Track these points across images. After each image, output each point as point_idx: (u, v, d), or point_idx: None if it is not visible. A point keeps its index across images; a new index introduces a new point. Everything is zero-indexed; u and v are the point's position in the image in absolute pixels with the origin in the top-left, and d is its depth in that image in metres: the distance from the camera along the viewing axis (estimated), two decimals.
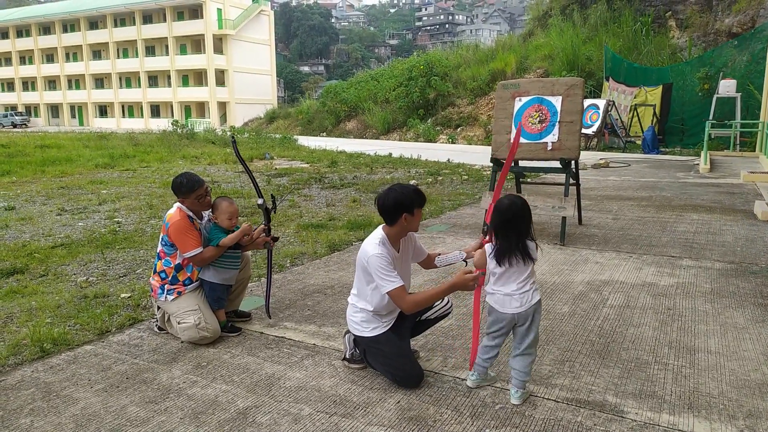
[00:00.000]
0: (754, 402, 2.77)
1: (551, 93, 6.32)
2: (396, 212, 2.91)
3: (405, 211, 2.90)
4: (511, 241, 2.69)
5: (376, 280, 2.88)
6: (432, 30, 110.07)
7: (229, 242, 3.62)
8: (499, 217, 2.70)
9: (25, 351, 3.46)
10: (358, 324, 3.05)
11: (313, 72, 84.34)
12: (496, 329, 2.80)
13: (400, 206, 2.90)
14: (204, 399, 2.87)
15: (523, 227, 2.71)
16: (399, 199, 2.91)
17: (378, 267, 2.86)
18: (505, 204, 2.71)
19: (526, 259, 2.70)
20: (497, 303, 2.77)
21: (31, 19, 56.23)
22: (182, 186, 3.58)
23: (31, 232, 6.98)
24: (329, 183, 11.36)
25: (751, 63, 17.89)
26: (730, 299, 4.27)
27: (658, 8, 24.19)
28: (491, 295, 2.80)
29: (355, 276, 3.08)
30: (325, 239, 6.34)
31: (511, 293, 2.72)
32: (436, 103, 28.25)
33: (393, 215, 2.92)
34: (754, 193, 9.53)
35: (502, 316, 2.75)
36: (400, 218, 2.92)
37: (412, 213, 2.93)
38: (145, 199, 9.36)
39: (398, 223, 2.94)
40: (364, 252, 2.95)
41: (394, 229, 2.98)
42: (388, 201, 2.92)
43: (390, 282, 2.84)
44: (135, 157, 16.85)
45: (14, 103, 58.29)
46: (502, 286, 2.75)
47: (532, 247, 2.73)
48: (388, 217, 2.94)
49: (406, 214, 2.91)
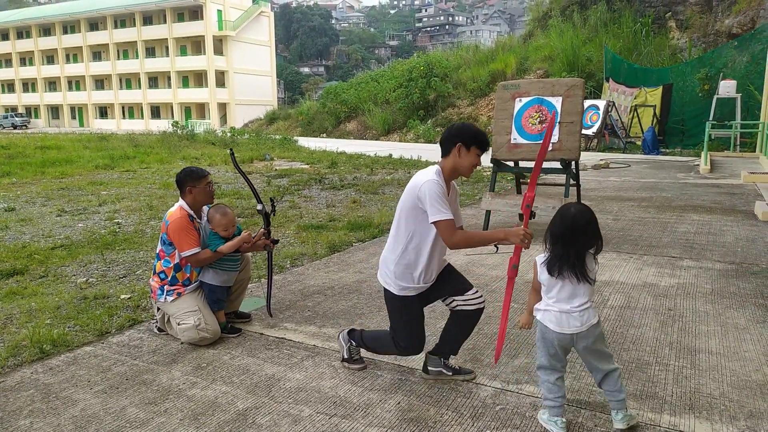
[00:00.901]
0: (755, 403, 2.76)
1: (551, 94, 6.32)
2: (452, 141, 2.79)
3: (461, 142, 2.78)
4: (567, 254, 2.43)
5: (427, 207, 2.71)
6: (432, 31, 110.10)
7: (227, 250, 3.62)
8: (561, 226, 2.46)
9: (25, 352, 3.46)
10: (390, 277, 2.90)
11: (313, 73, 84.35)
12: (551, 354, 2.50)
13: (459, 135, 2.80)
14: (204, 400, 2.86)
15: (584, 243, 2.43)
16: (461, 129, 2.83)
17: (432, 193, 2.69)
18: (570, 213, 2.47)
19: (580, 278, 2.42)
20: (554, 322, 2.46)
21: (32, 21, 56.29)
22: (194, 173, 3.62)
23: (31, 233, 6.98)
24: (329, 184, 11.36)
25: (751, 64, 17.89)
26: (730, 300, 4.26)
27: (658, 9, 24.21)
28: (545, 313, 2.51)
29: (394, 223, 2.92)
30: (326, 240, 6.33)
31: (569, 311, 2.44)
32: (436, 104, 28.27)
33: (449, 143, 2.81)
34: (754, 193, 9.53)
35: (558, 337, 2.46)
36: (454, 148, 2.79)
37: (468, 148, 2.79)
38: (145, 200, 9.36)
39: (451, 155, 2.80)
40: (415, 183, 2.79)
41: (447, 162, 2.83)
42: (451, 128, 2.86)
43: (441, 212, 2.68)
44: (135, 158, 16.86)
45: (14, 105, 58.32)
46: (557, 302, 2.47)
47: (590, 266, 2.45)
48: (445, 144, 2.83)
49: (461, 145, 2.77)
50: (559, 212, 2.51)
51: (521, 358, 3.30)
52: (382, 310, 4.14)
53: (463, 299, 2.97)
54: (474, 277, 4.95)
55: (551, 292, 2.48)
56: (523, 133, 6.38)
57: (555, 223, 2.49)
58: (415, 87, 28.25)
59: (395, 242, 2.90)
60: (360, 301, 4.37)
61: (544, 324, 2.50)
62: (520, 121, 6.43)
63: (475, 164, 2.84)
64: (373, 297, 4.46)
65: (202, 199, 3.66)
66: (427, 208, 2.71)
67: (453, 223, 2.73)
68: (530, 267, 5.18)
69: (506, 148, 6.46)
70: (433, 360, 3.07)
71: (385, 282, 2.95)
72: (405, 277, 2.87)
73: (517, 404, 2.79)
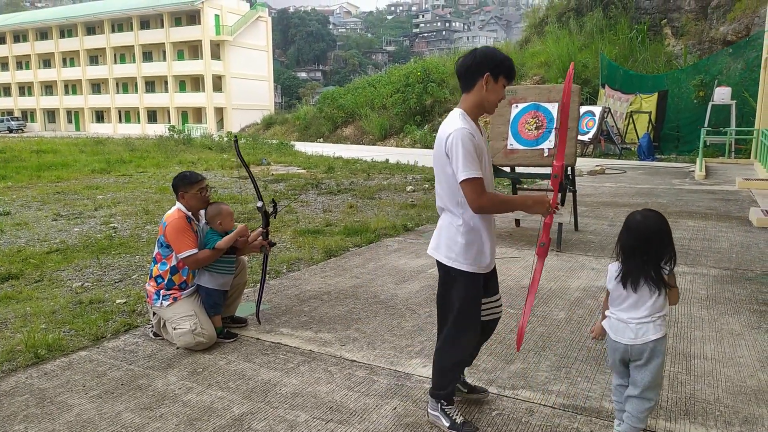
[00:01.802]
0: (750, 408, 2.77)
1: (547, 100, 6.35)
2: (478, 70, 2.38)
3: (489, 71, 2.37)
4: (640, 265, 2.28)
5: (453, 162, 2.34)
6: (429, 37, 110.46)
7: (225, 244, 3.61)
8: (628, 237, 2.32)
9: (20, 357, 3.44)
10: (456, 249, 2.46)
11: (310, 78, 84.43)
12: (612, 362, 2.42)
13: (485, 63, 2.37)
14: (199, 405, 2.86)
15: (656, 251, 2.28)
16: (486, 55, 2.39)
17: (460, 144, 2.31)
18: (636, 221, 2.32)
19: (660, 286, 2.28)
20: (611, 329, 2.38)
21: (29, 25, 56.23)
22: (186, 178, 3.63)
23: (26, 238, 6.95)
24: (326, 189, 11.36)
25: (746, 71, 18.02)
26: (725, 305, 4.28)
27: (653, 16, 24.37)
28: (608, 319, 2.42)
29: (438, 185, 2.52)
30: (322, 245, 6.33)
31: (626, 320, 2.32)
32: (433, 110, 28.35)
33: (473, 74, 2.39)
34: (749, 199, 9.58)
35: (614, 346, 2.36)
36: (480, 81, 2.38)
37: (496, 78, 2.39)
38: (141, 205, 9.34)
39: (476, 89, 2.41)
40: (441, 135, 2.41)
41: (470, 98, 2.43)
42: (473, 56, 2.41)
43: (469, 169, 2.31)
44: (131, 162, 16.83)
45: (11, 108, 58.18)
46: (619, 310, 2.36)
47: (666, 272, 2.30)
48: (467, 76, 2.42)
49: (489, 75, 2.37)
50: (625, 225, 2.35)
51: (517, 364, 3.30)
52: (378, 315, 4.15)
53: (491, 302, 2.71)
54: None
55: (616, 302, 2.38)
56: (520, 138, 6.41)
57: (622, 236, 2.35)
58: (412, 92, 28.34)
59: (455, 208, 2.48)
60: (356, 306, 4.37)
61: (606, 331, 2.42)
62: (517, 126, 6.46)
63: (501, 98, 2.46)
64: (369, 302, 4.46)
65: (195, 204, 3.66)
66: (454, 164, 2.34)
67: (483, 183, 2.36)
68: (526, 271, 5.20)
69: (503, 153, 6.49)
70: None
71: (447, 258, 2.50)
72: (474, 247, 2.49)
73: (513, 410, 2.79)
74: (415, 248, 6.31)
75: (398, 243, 6.60)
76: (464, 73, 2.43)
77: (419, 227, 7.54)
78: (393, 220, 7.72)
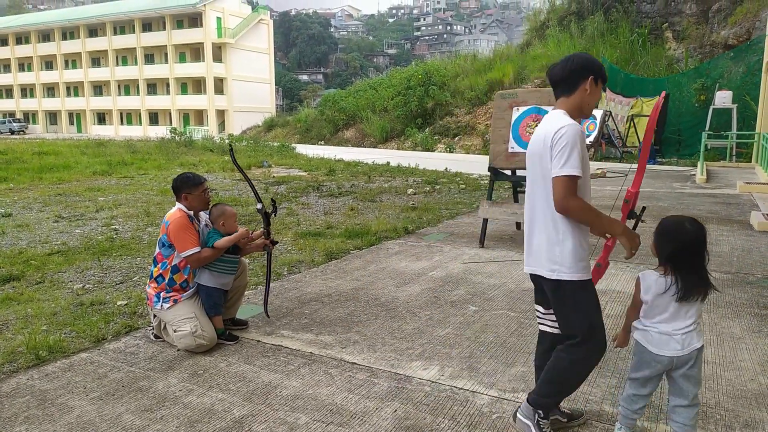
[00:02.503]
0: (750, 412, 2.77)
1: (549, 103, 6.35)
2: (582, 73, 2.32)
3: (593, 75, 2.32)
4: (693, 273, 2.22)
5: (556, 157, 2.22)
6: (430, 40, 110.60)
7: (225, 243, 3.62)
8: (683, 248, 2.22)
9: (21, 358, 3.45)
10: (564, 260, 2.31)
11: (311, 81, 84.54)
12: (646, 375, 2.32)
13: (589, 67, 2.32)
14: (200, 407, 2.86)
15: (704, 256, 2.24)
16: (588, 59, 2.35)
17: (574, 139, 2.20)
18: (687, 229, 2.23)
19: (708, 291, 2.25)
20: (651, 343, 2.27)
21: (31, 27, 56.36)
22: (189, 180, 3.63)
23: (27, 239, 6.96)
24: (327, 191, 11.37)
25: (747, 74, 18.03)
26: (726, 309, 4.28)
27: (654, 20, 24.40)
28: (642, 332, 2.31)
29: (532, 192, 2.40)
30: (323, 248, 6.34)
31: (671, 332, 2.23)
32: (434, 113, 28.39)
33: (576, 77, 2.33)
34: (750, 203, 9.57)
35: (657, 359, 2.26)
36: (583, 84, 2.33)
37: (596, 82, 2.34)
38: (143, 207, 9.35)
39: (579, 91, 2.34)
40: (547, 130, 2.29)
41: (572, 101, 2.36)
42: (573, 60, 2.34)
43: (572, 166, 2.20)
44: (133, 164, 16.86)
45: (12, 110, 58.28)
46: (658, 322, 2.26)
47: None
48: (570, 79, 2.34)
49: (593, 78, 2.33)
50: (672, 234, 2.24)
51: (518, 367, 3.30)
52: (378, 317, 4.15)
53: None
54: (471, 285, 4.96)
55: (653, 313, 2.28)
56: (521, 141, 6.41)
57: (674, 244, 2.23)
58: (413, 95, 28.38)
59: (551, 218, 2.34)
60: (357, 308, 4.38)
61: (640, 343, 2.31)
62: (518, 129, 6.46)
63: (598, 101, 2.44)
64: (370, 305, 4.46)
65: (198, 205, 3.67)
66: (557, 158, 2.22)
67: (577, 184, 2.25)
68: (523, 276, 5.20)
69: (504, 156, 6.49)
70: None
71: (552, 271, 2.34)
72: (581, 252, 2.34)
73: (513, 413, 2.78)
74: (415, 251, 6.31)
75: (399, 246, 6.60)
76: (566, 77, 2.36)
77: (420, 230, 7.54)
78: (394, 223, 7.72)
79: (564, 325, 2.42)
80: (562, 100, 2.40)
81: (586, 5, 27.04)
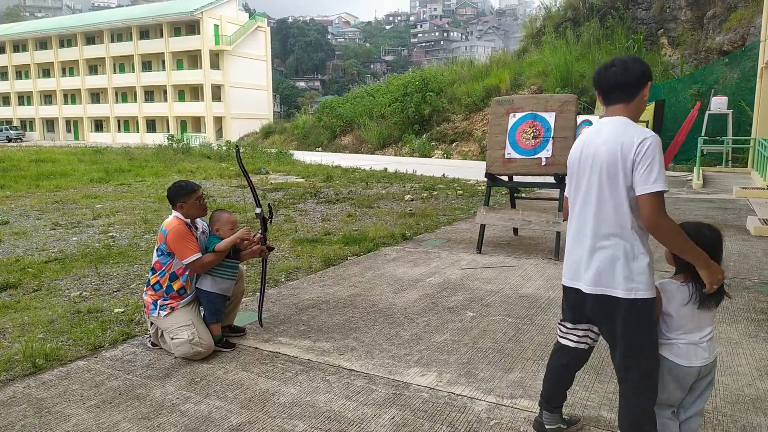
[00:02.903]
0: (747, 417, 2.77)
1: (545, 109, 6.38)
2: (642, 81, 2.21)
3: (649, 80, 2.23)
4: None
5: (641, 172, 2.07)
6: (427, 46, 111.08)
7: (226, 244, 3.62)
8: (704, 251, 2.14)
9: (17, 367, 3.43)
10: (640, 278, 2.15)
11: (309, 87, 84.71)
12: (678, 396, 2.23)
13: (648, 73, 2.22)
14: (197, 415, 2.85)
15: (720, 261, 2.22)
16: (644, 63, 2.24)
17: (658, 152, 2.07)
18: (706, 236, 2.21)
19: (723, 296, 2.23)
20: (683, 356, 2.18)
21: (28, 34, 56.42)
22: (183, 188, 3.63)
23: (24, 247, 6.95)
24: (324, 198, 11.38)
25: (742, 80, 18.15)
26: (723, 314, 4.29)
27: (650, 26, 24.56)
28: (669, 346, 2.20)
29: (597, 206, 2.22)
30: (320, 254, 6.34)
31: (697, 342, 2.18)
32: (432, 119, 28.46)
33: (638, 85, 2.21)
34: (746, 208, 9.61)
35: (688, 372, 2.18)
36: (643, 90, 2.22)
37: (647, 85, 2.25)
38: (140, 214, 9.34)
39: (638, 98, 2.23)
40: (622, 142, 2.12)
41: (632, 107, 2.23)
42: (634, 65, 2.22)
43: (663, 181, 2.07)
44: (130, 171, 16.85)
45: (10, 118, 58.25)
46: (686, 332, 2.19)
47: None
48: (633, 87, 2.21)
49: (650, 84, 2.25)
50: (689, 235, 2.15)
51: (516, 373, 3.30)
52: (376, 324, 4.15)
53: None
54: (469, 291, 4.96)
55: (681, 324, 2.20)
56: (517, 148, 6.43)
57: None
58: (410, 101, 28.46)
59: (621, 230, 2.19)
60: (355, 315, 4.37)
61: (671, 361, 2.19)
62: (514, 136, 6.49)
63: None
64: (367, 311, 4.46)
65: (194, 213, 3.67)
66: (643, 173, 2.08)
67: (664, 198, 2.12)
68: (524, 280, 5.20)
69: (500, 162, 6.51)
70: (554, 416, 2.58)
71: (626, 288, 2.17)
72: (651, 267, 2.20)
73: (511, 419, 2.79)
74: (413, 257, 6.31)
75: (396, 252, 6.60)
76: (629, 83, 2.22)
77: (417, 236, 7.55)
78: (391, 229, 7.73)
79: (630, 351, 2.20)
80: (621, 107, 2.25)
81: (582, 12, 27.21)
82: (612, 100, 2.27)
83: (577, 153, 2.33)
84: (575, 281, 2.33)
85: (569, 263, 2.37)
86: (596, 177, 2.22)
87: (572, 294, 2.37)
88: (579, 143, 2.34)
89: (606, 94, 2.28)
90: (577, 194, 2.34)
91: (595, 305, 2.26)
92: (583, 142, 2.31)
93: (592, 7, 26.67)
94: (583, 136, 2.34)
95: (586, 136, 2.31)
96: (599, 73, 2.30)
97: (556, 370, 2.55)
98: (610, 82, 2.24)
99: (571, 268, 2.36)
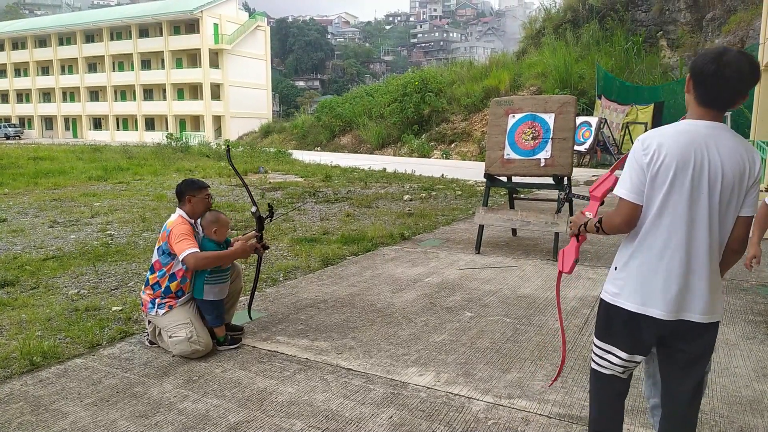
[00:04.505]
0: (745, 418, 2.78)
1: (544, 110, 6.39)
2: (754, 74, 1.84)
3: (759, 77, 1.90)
4: None
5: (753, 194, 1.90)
6: (427, 47, 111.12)
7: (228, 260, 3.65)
8: None
9: (15, 364, 3.43)
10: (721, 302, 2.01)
11: (308, 87, 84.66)
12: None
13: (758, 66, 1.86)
14: (195, 414, 2.85)
15: None
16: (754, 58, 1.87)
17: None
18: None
19: None
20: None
21: (27, 32, 56.33)
22: (194, 183, 3.69)
23: (22, 244, 6.94)
24: (323, 197, 11.38)
25: None
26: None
27: (649, 28, 24.61)
28: None
29: (718, 229, 1.93)
30: (319, 253, 6.34)
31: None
32: (431, 119, 28.47)
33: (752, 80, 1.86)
34: None
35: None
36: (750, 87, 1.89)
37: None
38: (138, 212, 9.33)
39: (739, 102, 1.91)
40: (744, 159, 1.89)
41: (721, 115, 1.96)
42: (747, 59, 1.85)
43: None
44: (128, 170, 16.82)
45: (8, 115, 58.14)
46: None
47: None
48: (750, 81, 1.86)
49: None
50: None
51: (514, 373, 3.30)
52: (374, 323, 4.15)
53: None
54: (467, 291, 4.96)
55: None
56: (516, 148, 6.44)
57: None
58: (409, 102, 28.47)
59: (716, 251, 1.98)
60: (353, 314, 4.37)
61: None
62: (514, 136, 6.49)
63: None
64: (366, 311, 4.46)
65: (200, 209, 3.68)
66: (753, 194, 1.91)
67: None
68: (522, 280, 5.20)
69: (500, 163, 6.52)
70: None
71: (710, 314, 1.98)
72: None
73: (509, 419, 2.79)
74: (411, 257, 6.32)
75: (395, 252, 6.60)
76: (744, 75, 1.87)
77: (416, 236, 7.55)
78: (390, 229, 7.73)
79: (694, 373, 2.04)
80: (720, 115, 1.95)
81: (582, 13, 27.26)
82: (721, 106, 1.92)
83: (685, 157, 1.88)
84: (650, 308, 1.97)
85: (647, 286, 1.98)
86: (717, 194, 1.89)
87: (640, 321, 2.00)
88: (684, 145, 1.88)
89: (727, 103, 1.92)
90: (666, 203, 1.92)
91: (688, 333, 1.98)
92: (692, 147, 1.88)
93: (592, 9, 26.72)
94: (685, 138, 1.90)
95: (689, 138, 1.89)
96: (738, 71, 1.85)
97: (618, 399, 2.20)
98: (738, 89, 1.88)
99: (648, 293, 1.97)
